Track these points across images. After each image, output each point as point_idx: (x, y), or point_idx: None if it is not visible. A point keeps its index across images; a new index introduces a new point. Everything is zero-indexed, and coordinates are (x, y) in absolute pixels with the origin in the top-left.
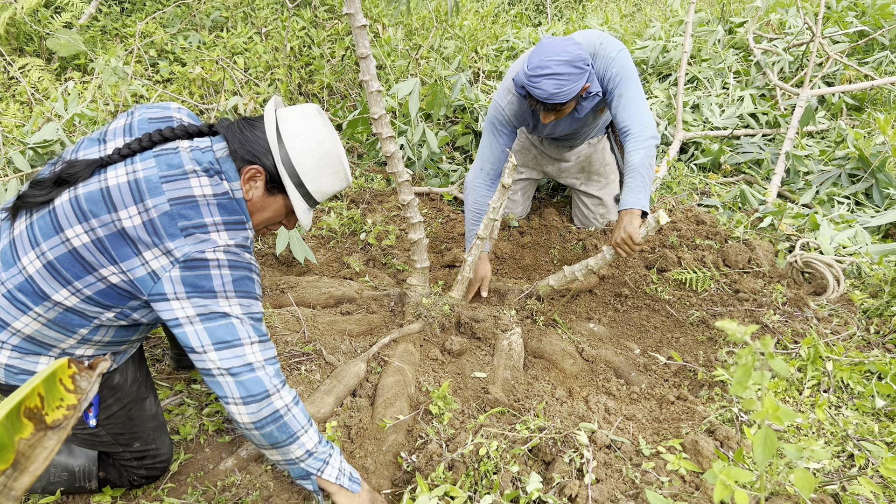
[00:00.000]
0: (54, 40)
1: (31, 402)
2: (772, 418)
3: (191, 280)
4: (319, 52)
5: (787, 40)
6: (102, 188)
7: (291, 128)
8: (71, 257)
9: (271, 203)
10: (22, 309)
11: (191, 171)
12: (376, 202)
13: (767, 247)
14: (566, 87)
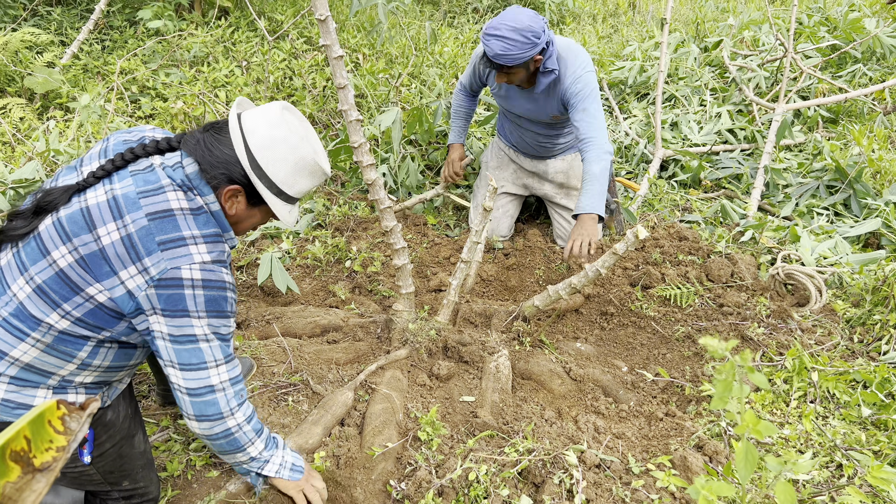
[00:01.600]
0: (32, 79)
1: (17, 444)
2: (753, 432)
3: (164, 299)
4: (301, 83)
5: (761, 57)
6: (83, 208)
7: (259, 141)
8: (58, 279)
9: (255, 213)
10: (19, 336)
11: (167, 184)
12: (360, 229)
13: (749, 260)
14: (511, 51)
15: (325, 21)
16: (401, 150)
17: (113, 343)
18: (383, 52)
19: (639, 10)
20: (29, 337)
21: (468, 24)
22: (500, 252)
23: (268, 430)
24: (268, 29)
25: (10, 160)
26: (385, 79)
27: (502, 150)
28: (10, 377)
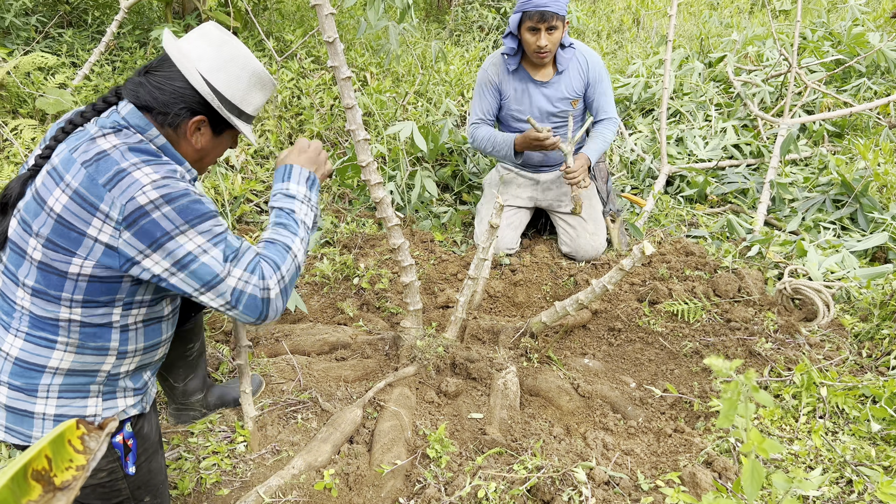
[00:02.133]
0: (43, 100)
1: (39, 464)
2: (758, 450)
3: (141, 234)
4: (309, 102)
5: (765, 72)
6: (33, 194)
7: (210, 65)
8: (43, 272)
9: (220, 142)
10: (48, 346)
11: (97, 133)
12: (368, 246)
13: (756, 275)
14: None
15: (333, 43)
16: (407, 166)
17: (137, 323)
18: (390, 70)
19: (643, 26)
20: (57, 342)
21: (473, 42)
22: (507, 268)
23: (282, 236)
24: (276, 48)
25: None
26: (392, 97)
27: (506, 170)
28: (59, 389)
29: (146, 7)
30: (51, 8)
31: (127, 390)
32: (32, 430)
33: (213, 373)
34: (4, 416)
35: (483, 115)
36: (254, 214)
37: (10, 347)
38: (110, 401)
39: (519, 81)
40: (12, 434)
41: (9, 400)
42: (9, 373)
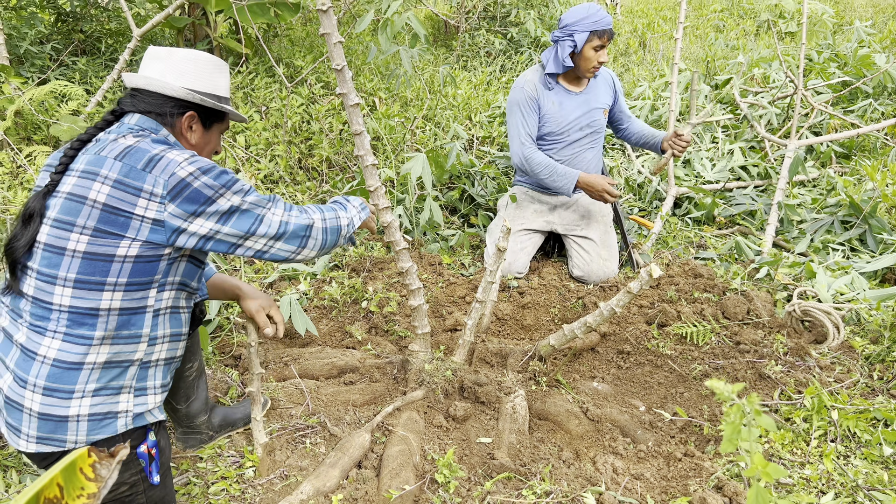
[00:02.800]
0: (57, 127)
1: (51, 492)
2: (762, 475)
3: (186, 203)
4: (318, 127)
5: (771, 93)
6: (66, 196)
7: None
8: (88, 260)
9: (211, 136)
10: (86, 342)
11: (118, 137)
12: (377, 270)
13: (765, 297)
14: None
15: (342, 70)
16: (415, 190)
17: (166, 309)
18: (399, 95)
19: (649, 49)
20: (94, 336)
21: (481, 66)
22: (515, 291)
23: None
24: (286, 74)
25: None
26: (401, 122)
27: (524, 192)
28: (95, 385)
29: (158, 35)
30: (65, 37)
31: (156, 388)
32: (67, 435)
33: (221, 398)
34: (37, 426)
35: (531, 134)
36: None
37: (48, 350)
38: (140, 397)
39: (556, 95)
40: (46, 443)
41: (42, 407)
42: (45, 376)
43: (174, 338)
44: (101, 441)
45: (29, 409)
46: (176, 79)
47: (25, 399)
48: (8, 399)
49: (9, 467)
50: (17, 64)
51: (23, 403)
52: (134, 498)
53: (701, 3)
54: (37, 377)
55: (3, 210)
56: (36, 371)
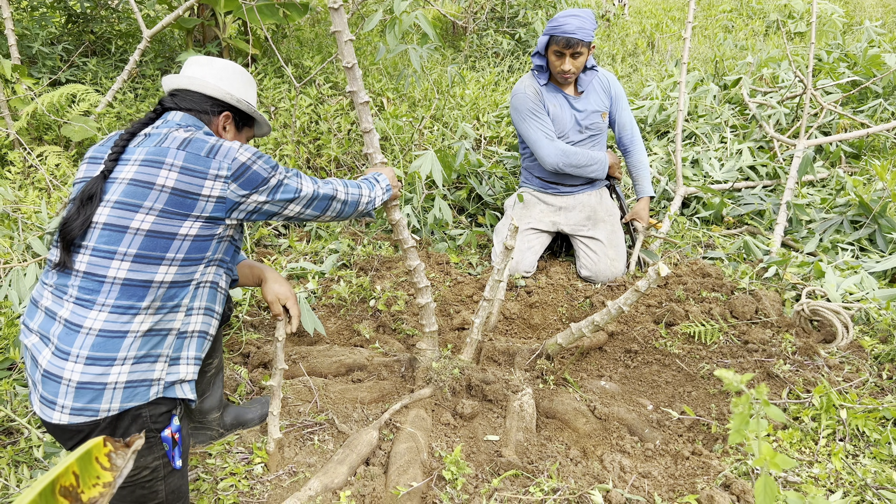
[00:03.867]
0: (68, 127)
1: (66, 480)
2: (770, 465)
3: (247, 183)
4: (327, 127)
5: (780, 93)
6: (130, 181)
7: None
8: (151, 238)
9: (239, 138)
10: (132, 312)
11: (173, 130)
12: (384, 269)
13: (774, 297)
14: (586, 26)
15: (353, 68)
16: (423, 190)
17: (206, 283)
18: (407, 95)
19: (657, 49)
20: (141, 306)
21: (489, 67)
22: (522, 290)
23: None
24: (295, 75)
25: (47, 206)
26: (409, 122)
27: (529, 194)
28: (136, 353)
29: (168, 36)
30: (76, 37)
31: (188, 358)
32: (101, 404)
33: (230, 395)
34: (74, 396)
35: (552, 134)
36: (272, 237)
37: (94, 322)
38: (174, 366)
39: (554, 97)
40: (80, 414)
41: (83, 376)
42: (90, 346)
43: (208, 311)
44: (131, 409)
45: (68, 381)
46: (216, 82)
47: (65, 370)
48: (46, 372)
49: (20, 462)
50: (29, 64)
51: (62, 375)
52: (154, 484)
53: (710, 4)
54: (80, 348)
55: (16, 209)
56: (80, 342)
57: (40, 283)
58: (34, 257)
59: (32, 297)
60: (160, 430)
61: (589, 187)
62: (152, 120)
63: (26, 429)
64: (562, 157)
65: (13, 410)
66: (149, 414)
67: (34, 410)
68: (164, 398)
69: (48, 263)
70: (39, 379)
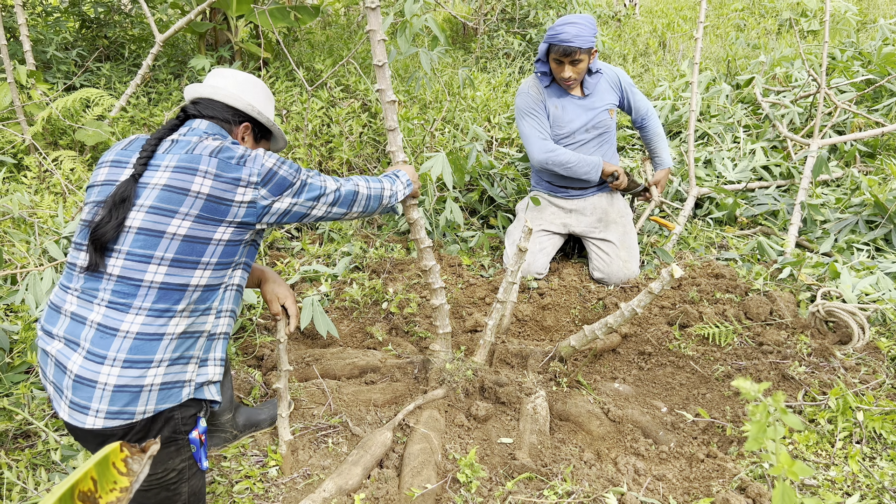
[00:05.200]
0: (83, 132)
1: (85, 485)
2: (788, 473)
3: (275, 188)
4: (338, 130)
5: (794, 92)
6: (164, 186)
7: (240, 89)
8: (188, 243)
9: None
10: (168, 315)
11: (203, 139)
12: (397, 271)
13: (788, 298)
14: (583, 33)
15: (383, 67)
16: (435, 192)
17: (233, 286)
18: (418, 98)
19: (669, 49)
20: (177, 309)
21: (500, 68)
22: (535, 292)
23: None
24: (306, 78)
25: (63, 210)
26: (420, 124)
27: (540, 196)
28: (171, 355)
29: (180, 40)
30: (90, 42)
31: (216, 360)
32: (137, 406)
33: (244, 398)
34: (110, 399)
35: (545, 133)
36: (285, 240)
37: (131, 325)
38: (203, 367)
39: (557, 98)
40: (115, 417)
41: (119, 379)
42: (128, 349)
43: (232, 314)
44: (164, 411)
45: (104, 384)
46: (239, 92)
47: (101, 374)
48: (79, 377)
49: (38, 465)
50: (44, 70)
51: (97, 380)
52: (179, 485)
53: (721, 3)
54: (118, 351)
55: (32, 214)
56: (117, 346)
57: (60, 287)
58: (50, 261)
59: (52, 303)
60: (188, 433)
61: (600, 190)
62: (176, 126)
63: (44, 432)
64: (549, 154)
65: (31, 414)
66: (180, 416)
67: (61, 417)
68: (194, 399)
69: (70, 267)
70: (70, 385)
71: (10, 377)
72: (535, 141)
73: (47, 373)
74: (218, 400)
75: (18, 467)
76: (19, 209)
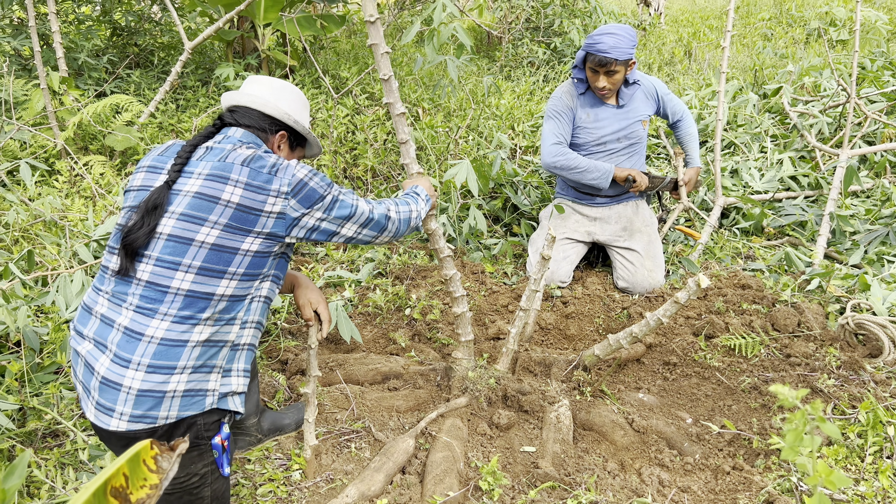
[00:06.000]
0: (112, 137)
1: (117, 481)
2: (825, 483)
3: (305, 199)
4: (363, 137)
5: (823, 102)
6: (196, 194)
7: (276, 97)
8: (215, 251)
9: (292, 157)
10: (193, 322)
11: (237, 147)
12: (420, 277)
13: (817, 309)
14: (621, 45)
15: (389, 80)
16: (458, 199)
17: (260, 297)
18: (442, 105)
19: (695, 58)
20: (202, 317)
21: (524, 77)
22: (558, 300)
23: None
24: (332, 86)
25: (93, 214)
26: (445, 132)
27: (564, 204)
28: (195, 362)
29: (208, 48)
30: (120, 50)
31: (239, 371)
32: (160, 412)
33: (269, 401)
34: (133, 403)
35: (563, 136)
36: (309, 246)
37: (156, 330)
38: (227, 377)
39: (591, 106)
40: (138, 421)
41: (143, 384)
42: (152, 354)
43: (258, 325)
44: (187, 418)
45: (128, 388)
46: (276, 101)
47: (126, 378)
48: (105, 379)
49: (66, 465)
50: (76, 76)
51: (122, 382)
52: (202, 490)
53: (748, 12)
54: (142, 356)
55: (62, 217)
56: (142, 350)
57: (93, 289)
58: (80, 264)
59: (84, 304)
60: (211, 438)
61: (625, 198)
62: (212, 134)
63: (72, 432)
64: (557, 157)
65: (59, 413)
66: (203, 422)
67: (87, 417)
68: (217, 409)
69: (103, 270)
70: (96, 386)
71: (39, 377)
72: (548, 143)
73: (77, 372)
74: (241, 412)
75: (47, 466)
76: (51, 212)
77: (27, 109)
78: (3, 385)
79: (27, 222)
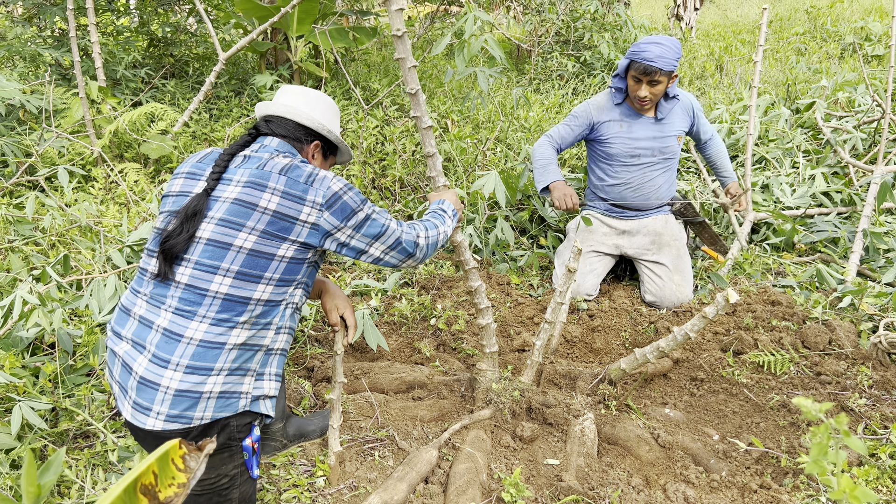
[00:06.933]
0: (147, 145)
1: (147, 479)
2: (850, 498)
3: (338, 212)
4: (392, 148)
5: (857, 118)
6: (234, 200)
7: (309, 107)
8: (253, 257)
9: (325, 165)
10: (230, 325)
11: (274, 156)
12: (446, 288)
13: (849, 327)
14: (667, 55)
15: (416, 94)
16: (485, 210)
17: (293, 303)
18: (471, 117)
19: (726, 72)
20: (239, 321)
21: (553, 89)
22: (584, 313)
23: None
24: (362, 97)
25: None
26: (473, 144)
27: (592, 216)
28: (231, 365)
29: (242, 59)
30: (157, 61)
31: (271, 375)
32: (195, 412)
33: (294, 408)
34: (171, 402)
35: (560, 137)
36: (336, 255)
37: (195, 332)
38: (259, 381)
39: (627, 117)
40: (175, 421)
41: (181, 384)
42: (190, 355)
43: (290, 331)
44: (221, 419)
45: (166, 388)
46: (309, 111)
47: (164, 378)
48: (143, 379)
49: (96, 465)
50: (113, 86)
51: (160, 382)
52: (230, 491)
53: (781, 27)
54: (181, 357)
55: (98, 223)
56: (181, 351)
57: (131, 291)
58: (114, 269)
59: (122, 305)
60: (242, 440)
61: (655, 212)
62: (248, 143)
63: (102, 433)
64: (536, 147)
65: (90, 415)
66: (235, 424)
67: (124, 416)
68: (249, 411)
69: (141, 272)
70: (134, 385)
71: (72, 379)
72: (545, 134)
73: (114, 372)
74: (271, 415)
75: (78, 466)
76: (86, 218)
77: (66, 118)
78: (37, 386)
79: (64, 227)
